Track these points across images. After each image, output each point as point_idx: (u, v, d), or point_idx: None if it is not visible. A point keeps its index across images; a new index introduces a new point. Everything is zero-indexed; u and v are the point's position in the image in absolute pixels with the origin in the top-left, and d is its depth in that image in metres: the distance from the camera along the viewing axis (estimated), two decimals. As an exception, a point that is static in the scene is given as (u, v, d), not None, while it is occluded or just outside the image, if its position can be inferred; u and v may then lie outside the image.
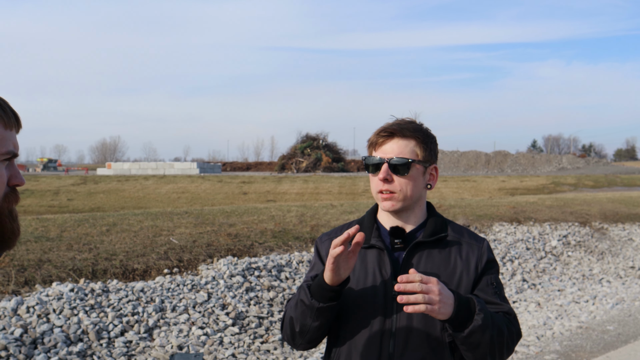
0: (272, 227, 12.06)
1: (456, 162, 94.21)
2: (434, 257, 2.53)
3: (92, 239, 9.89)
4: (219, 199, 35.80)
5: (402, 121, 2.58)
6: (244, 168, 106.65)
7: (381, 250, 2.54)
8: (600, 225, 17.10)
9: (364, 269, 2.54)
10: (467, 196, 36.21)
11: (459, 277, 2.52)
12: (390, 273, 2.49)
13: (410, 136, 2.52)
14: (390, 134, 2.52)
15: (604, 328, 8.60)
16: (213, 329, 7.61)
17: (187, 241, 10.28)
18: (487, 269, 2.58)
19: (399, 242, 2.53)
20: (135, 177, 52.20)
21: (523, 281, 11.80)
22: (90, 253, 9.12)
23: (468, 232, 2.68)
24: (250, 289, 8.84)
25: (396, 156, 2.49)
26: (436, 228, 2.58)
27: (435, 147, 2.63)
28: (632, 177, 60.59)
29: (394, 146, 2.51)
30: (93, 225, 10.98)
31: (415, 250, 2.53)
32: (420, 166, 2.53)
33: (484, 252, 2.60)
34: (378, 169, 2.51)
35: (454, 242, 2.59)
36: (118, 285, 8.15)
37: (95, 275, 8.46)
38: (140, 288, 8.13)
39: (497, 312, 2.49)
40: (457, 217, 15.23)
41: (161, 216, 12.42)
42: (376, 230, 2.61)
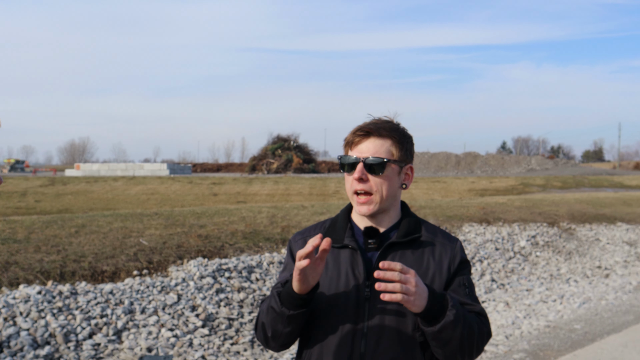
0: (242, 228, 12.02)
1: (427, 163, 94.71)
2: (407, 258, 2.52)
3: (60, 241, 9.78)
4: (189, 200, 35.60)
5: (379, 120, 2.57)
6: (215, 169, 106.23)
7: (354, 250, 2.53)
8: (568, 225, 17.29)
9: (337, 269, 2.53)
10: (437, 197, 36.39)
11: (432, 277, 2.52)
12: (364, 273, 2.48)
13: (387, 136, 2.52)
14: (367, 133, 2.52)
15: (571, 327, 8.69)
16: (183, 331, 7.56)
17: (157, 243, 10.21)
18: (460, 270, 2.60)
19: (373, 242, 2.53)
20: (104, 178, 51.80)
21: (492, 281, 11.89)
22: (59, 255, 9.01)
23: (441, 233, 2.68)
24: (220, 291, 8.80)
25: (372, 155, 2.48)
26: (410, 228, 2.58)
27: (411, 147, 2.63)
28: (599, 178, 61.39)
29: (369, 145, 2.50)
30: (61, 226, 10.87)
31: (389, 251, 2.52)
32: (395, 166, 2.53)
33: (457, 252, 2.61)
34: (353, 168, 2.50)
35: (427, 243, 2.59)
36: (87, 288, 8.07)
37: (63, 278, 8.37)
38: (109, 290, 8.06)
39: (469, 312, 2.50)
40: (428, 217, 15.30)
41: (131, 217, 12.32)
42: (350, 229, 2.60)
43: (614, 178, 62.68)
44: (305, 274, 2.31)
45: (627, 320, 9.08)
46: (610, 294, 11.13)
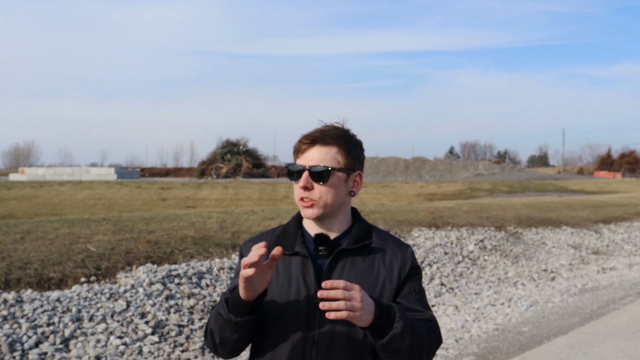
0: (192, 233, 11.92)
1: (375, 167, 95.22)
2: (357, 265, 2.52)
3: (4, 247, 9.56)
4: (137, 205, 35.18)
5: (326, 127, 2.56)
6: (163, 174, 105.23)
7: (305, 257, 2.52)
8: (515, 229, 17.57)
9: (288, 277, 2.52)
10: (387, 202, 36.62)
11: (382, 284, 2.52)
12: (314, 280, 2.48)
13: (332, 143, 2.51)
14: (312, 141, 2.51)
15: (519, 329, 8.82)
16: (132, 339, 7.46)
17: (105, 249, 10.06)
18: (410, 276, 2.59)
19: (323, 249, 2.52)
20: (50, 183, 50.86)
21: (441, 285, 12.01)
22: (3, 262, 8.81)
23: (392, 239, 2.68)
24: (170, 297, 8.72)
25: (317, 164, 2.48)
26: (360, 235, 2.57)
27: (359, 153, 2.62)
28: (544, 182, 62.57)
29: (315, 153, 2.50)
30: (6, 232, 10.62)
31: (339, 258, 2.52)
32: (342, 174, 2.52)
33: (407, 259, 2.61)
34: (300, 176, 2.50)
35: (378, 249, 2.59)
36: (33, 295, 7.92)
37: (8, 285, 8.19)
38: (56, 297, 7.92)
39: (419, 320, 2.51)
40: (377, 222, 15.39)
41: (78, 223, 12.11)
42: (301, 237, 2.59)
43: (559, 183, 63.95)
44: (252, 281, 2.29)
45: (573, 322, 9.25)
46: (556, 296, 11.32)
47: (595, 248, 17.39)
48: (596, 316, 9.58)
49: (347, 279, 2.44)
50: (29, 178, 69.09)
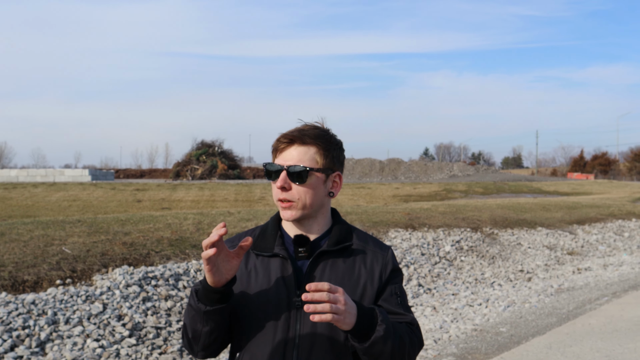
0: (168, 235, 11.85)
1: (351, 169, 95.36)
2: (338, 266, 2.49)
3: (-22, 250, 9.45)
4: (112, 207, 34.94)
5: (306, 126, 2.52)
6: (138, 175, 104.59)
7: (285, 259, 2.48)
8: (491, 230, 17.67)
9: (267, 278, 2.48)
10: (363, 203, 36.68)
11: (363, 286, 2.50)
12: (294, 283, 2.44)
13: (311, 143, 2.46)
14: (290, 140, 2.46)
15: (497, 330, 8.86)
16: (109, 341, 7.39)
17: (81, 251, 9.96)
18: (391, 279, 2.58)
19: (303, 250, 2.47)
20: (23, 185, 50.35)
21: (419, 286, 12.03)
22: (-23, 264, 8.70)
23: (373, 240, 2.65)
24: (147, 299, 8.65)
25: (295, 163, 2.44)
26: (341, 237, 2.54)
27: (339, 153, 2.58)
28: (519, 184, 62.94)
29: (293, 153, 2.45)
30: (-21, 235, 10.50)
31: (320, 259, 2.49)
32: (320, 174, 2.48)
33: (388, 261, 2.59)
34: (277, 176, 2.46)
35: (358, 251, 2.56)
36: (7, 298, 7.83)
37: (-18, 288, 8.09)
38: (31, 300, 7.82)
39: (400, 323, 2.49)
40: (354, 223, 15.39)
41: (52, 225, 11.98)
42: (280, 238, 2.54)
43: (533, 184, 64.41)
44: (217, 265, 2.26)
45: (550, 322, 9.30)
46: (533, 297, 11.39)
47: (570, 249, 17.54)
48: (573, 316, 9.65)
49: (327, 281, 2.41)
50: (1, 180, 68.32)
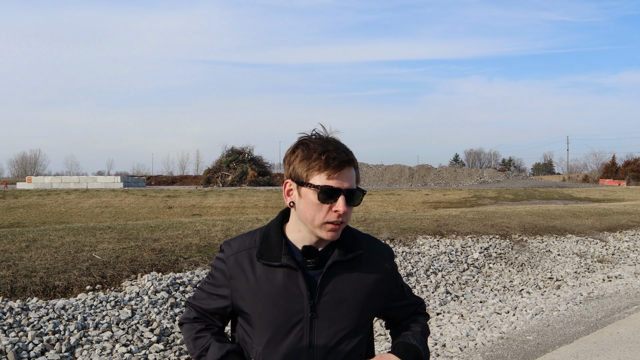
0: (197, 241, 11.96)
1: (380, 175, 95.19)
2: (350, 276, 2.52)
3: (10, 256, 9.62)
4: (144, 214, 35.29)
5: (340, 144, 2.44)
6: (169, 182, 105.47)
7: (294, 270, 2.47)
8: (520, 237, 17.56)
9: (277, 289, 2.47)
10: (392, 209, 36.63)
11: (373, 291, 2.57)
12: (307, 293, 2.45)
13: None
14: (347, 161, 2.39)
15: (524, 338, 8.81)
16: (137, 346, 7.49)
17: (110, 257, 10.11)
18: (396, 279, 2.72)
19: (312, 262, 2.47)
20: (57, 191, 50.99)
21: (446, 293, 12.01)
22: (9, 270, 8.87)
23: (376, 245, 2.67)
24: (175, 305, 8.75)
25: (351, 186, 2.40)
26: (349, 245, 2.54)
27: None
28: (549, 190, 62.42)
29: (349, 174, 2.40)
30: (12, 241, 10.69)
31: (333, 270, 2.50)
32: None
33: (390, 263, 2.67)
34: (331, 198, 2.36)
35: (367, 259, 2.59)
36: (38, 303, 7.96)
37: (14, 293, 8.24)
38: (61, 305, 7.96)
39: (410, 305, 2.79)
40: (382, 230, 15.41)
41: (83, 231, 12.17)
42: (285, 246, 2.51)
43: (564, 190, 63.84)
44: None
45: (578, 330, 9.23)
46: (561, 305, 11.30)
47: (601, 256, 17.35)
48: (601, 325, 9.56)
49: (340, 292, 2.48)
50: (36, 187, 69.32)
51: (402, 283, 2.77)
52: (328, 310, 2.45)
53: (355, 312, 2.49)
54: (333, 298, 2.46)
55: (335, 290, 2.47)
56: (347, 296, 2.48)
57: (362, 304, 2.51)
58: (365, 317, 2.55)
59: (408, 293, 2.79)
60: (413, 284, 12.08)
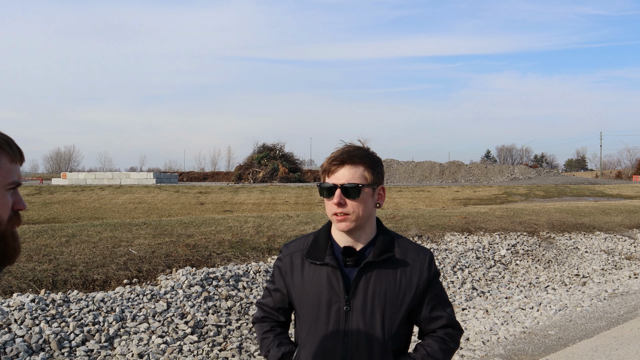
0: (229, 237, 12.28)
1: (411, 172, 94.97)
2: (382, 276, 2.83)
3: (51, 250, 10.01)
4: (176, 209, 35.73)
5: (351, 148, 2.85)
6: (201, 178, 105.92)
7: (334, 268, 2.83)
8: (548, 234, 17.65)
9: (320, 284, 2.85)
10: (422, 206, 36.70)
11: (403, 293, 2.84)
12: (343, 289, 2.80)
13: (359, 162, 2.80)
14: (342, 161, 2.79)
15: (546, 333, 9.00)
16: (172, 338, 7.81)
17: (146, 252, 10.46)
18: (430, 284, 2.91)
19: (350, 260, 2.82)
20: (91, 187, 51.70)
21: (473, 289, 12.20)
22: (50, 264, 9.25)
23: (413, 248, 2.95)
24: (208, 299, 9.07)
25: (347, 182, 2.77)
26: (384, 247, 2.86)
27: (381, 169, 2.92)
28: (581, 187, 61.79)
29: (345, 172, 2.77)
30: (52, 236, 11.08)
31: (366, 269, 2.83)
32: (369, 189, 2.82)
33: (425, 268, 2.89)
34: (332, 193, 2.78)
35: (399, 261, 2.87)
36: (78, 296, 8.32)
37: (55, 286, 8.61)
38: (100, 298, 8.31)
39: (438, 319, 2.90)
40: (410, 227, 15.62)
41: (120, 227, 12.54)
42: (330, 247, 2.89)
43: (596, 187, 63.17)
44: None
45: (599, 326, 9.40)
46: (585, 301, 11.45)
47: (629, 253, 17.37)
48: (623, 320, 9.71)
49: (372, 289, 2.79)
50: (70, 182, 70.17)
51: (440, 294, 2.93)
52: (361, 304, 2.77)
53: (386, 309, 2.78)
54: (366, 294, 2.78)
55: (368, 287, 2.79)
56: (378, 294, 2.78)
57: (393, 303, 2.80)
58: (397, 317, 2.81)
59: (443, 305, 2.94)
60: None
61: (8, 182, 1.89)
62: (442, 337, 2.90)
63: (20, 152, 1.93)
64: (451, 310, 2.96)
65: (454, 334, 2.92)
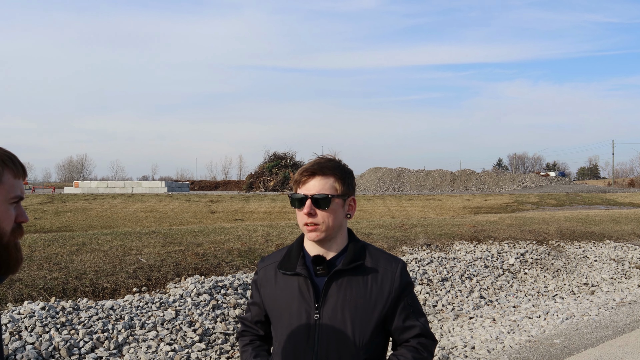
0: (238, 246, 12.37)
1: (422, 180, 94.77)
2: (352, 284, 2.87)
3: (62, 259, 10.12)
4: (187, 218, 35.91)
5: (322, 159, 2.92)
6: (212, 187, 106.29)
7: (305, 277, 2.88)
8: (557, 243, 17.65)
9: (291, 294, 2.90)
10: (433, 215, 36.73)
11: (374, 302, 2.87)
12: (313, 298, 2.85)
13: (330, 174, 2.85)
14: (312, 173, 2.84)
15: (551, 341, 9.02)
16: (181, 345, 7.90)
17: (156, 260, 10.56)
18: (402, 292, 2.93)
19: (320, 268, 2.87)
20: (103, 196, 52.03)
21: (480, 298, 12.22)
22: (61, 272, 9.36)
23: (384, 257, 2.99)
24: (216, 307, 9.15)
25: (318, 192, 2.81)
26: (355, 256, 2.91)
27: (352, 180, 2.98)
28: (592, 195, 61.56)
29: (316, 183, 2.83)
30: (63, 245, 11.20)
31: (335, 278, 2.87)
32: (339, 200, 2.87)
33: (397, 277, 2.92)
34: (303, 204, 2.82)
35: (370, 269, 2.91)
36: (88, 304, 8.42)
37: (65, 294, 8.72)
38: (110, 306, 8.41)
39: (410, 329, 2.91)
40: (419, 236, 15.67)
41: (130, 236, 12.66)
42: (302, 258, 2.94)
43: (608, 195, 62.95)
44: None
45: (605, 335, 9.41)
46: (593, 310, 11.45)
47: (639, 262, 17.35)
48: (629, 329, 9.72)
49: (342, 297, 2.83)
50: (82, 191, 70.61)
51: (413, 304, 2.94)
52: (331, 312, 2.81)
53: (356, 317, 2.81)
54: (336, 302, 2.81)
55: (338, 295, 2.83)
56: (349, 302, 2.81)
57: (363, 311, 2.83)
58: (368, 325, 2.83)
59: (416, 314, 2.94)
60: (448, 288, 12.33)
61: (11, 197, 2.03)
62: (415, 347, 2.89)
63: (23, 168, 2.06)
64: (425, 320, 2.96)
65: (428, 344, 2.92)
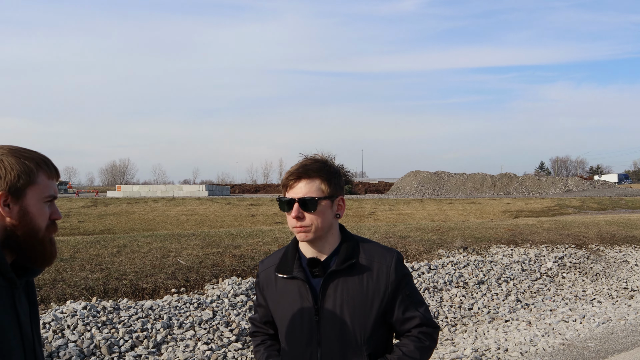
0: (275, 248, 12.49)
1: (462, 184, 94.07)
2: (348, 284, 2.93)
3: (103, 260, 10.38)
4: (227, 221, 36.21)
5: (308, 161, 2.94)
6: (253, 190, 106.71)
7: (302, 280, 2.92)
8: (597, 247, 17.48)
9: (291, 297, 2.98)
10: (472, 218, 36.52)
11: (372, 299, 2.93)
12: (311, 300, 2.93)
13: (315, 176, 2.88)
14: (298, 176, 2.88)
15: (585, 345, 8.99)
16: (218, 345, 8.06)
17: (194, 262, 10.75)
18: (399, 285, 2.98)
19: (316, 270, 2.94)
20: (144, 200, 52.69)
21: (517, 301, 12.19)
22: (102, 273, 9.61)
23: (379, 252, 3.03)
24: (253, 308, 9.29)
25: (304, 195, 2.85)
26: (347, 255, 2.96)
27: (339, 180, 3.03)
28: (636, 199, 60.37)
29: (302, 186, 2.86)
30: (104, 246, 11.47)
31: (331, 278, 2.94)
32: (326, 201, 2.92)
33: (392, 271, 2.97)
34: (291, 207, 2.86)
35: (365, 267, 2.97)
36: (128, 304, 8.65)
37: (106, 294, 8.96)
38: (149, 306, 8.62)
39: (411, 319, 2.95)
40: (455, 239, 15.67)
41: (169, 238, 12.89)
42: (297, 260, 2.97)
43: (652, 199, 61.88)
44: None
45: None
46: (631, 314, 11.35)
47: (681, 266, 17.10)
48: (666, 333, 9.65)
49: (340, 297, 2.90)
50: (124, 195, 71.52)
51: (411, 295, 2.99)
52: (330, 313, 2.89)
53: (355, 315, 2.87)
54: (334, 302, 2.88)
55: (335, 296, 2.90)
56: (346, 301, 2.89)
57: (362, 308, 2.89)
58: (368, 321, 2.89)
59: (416, 304, 2.99)
60: (484, 291, 12.33)
61: (46, 196, 2.22)
62: (417, 336, 2.93)
63: (56, 169, 2.28)
64: (425, 309, 3.00)
65: (430, 332, 2.96)
